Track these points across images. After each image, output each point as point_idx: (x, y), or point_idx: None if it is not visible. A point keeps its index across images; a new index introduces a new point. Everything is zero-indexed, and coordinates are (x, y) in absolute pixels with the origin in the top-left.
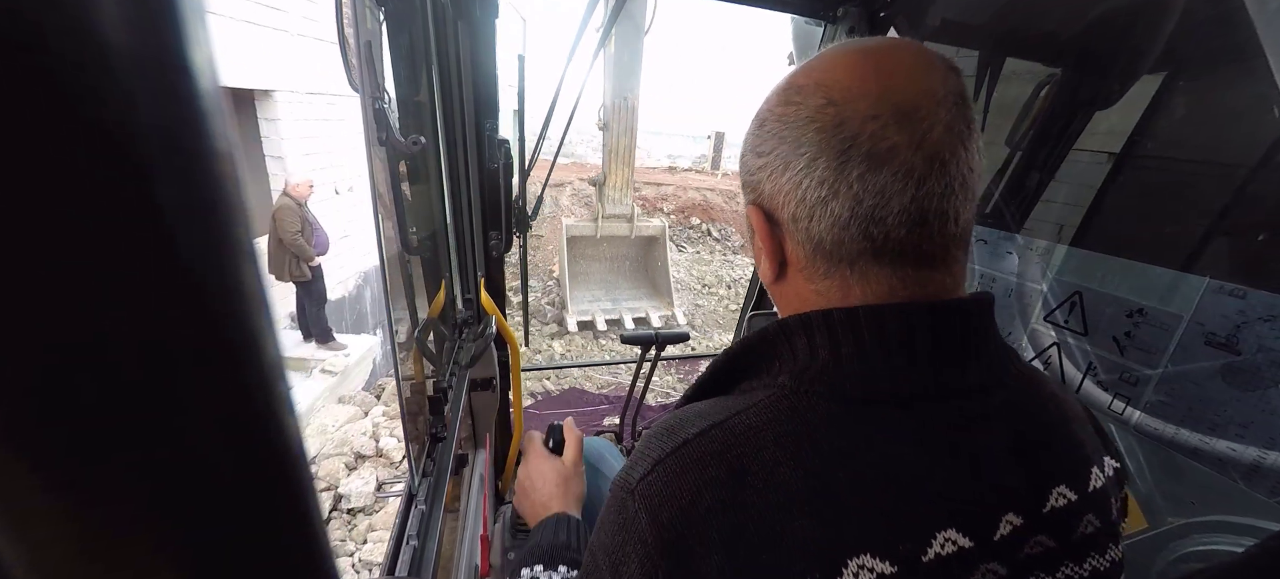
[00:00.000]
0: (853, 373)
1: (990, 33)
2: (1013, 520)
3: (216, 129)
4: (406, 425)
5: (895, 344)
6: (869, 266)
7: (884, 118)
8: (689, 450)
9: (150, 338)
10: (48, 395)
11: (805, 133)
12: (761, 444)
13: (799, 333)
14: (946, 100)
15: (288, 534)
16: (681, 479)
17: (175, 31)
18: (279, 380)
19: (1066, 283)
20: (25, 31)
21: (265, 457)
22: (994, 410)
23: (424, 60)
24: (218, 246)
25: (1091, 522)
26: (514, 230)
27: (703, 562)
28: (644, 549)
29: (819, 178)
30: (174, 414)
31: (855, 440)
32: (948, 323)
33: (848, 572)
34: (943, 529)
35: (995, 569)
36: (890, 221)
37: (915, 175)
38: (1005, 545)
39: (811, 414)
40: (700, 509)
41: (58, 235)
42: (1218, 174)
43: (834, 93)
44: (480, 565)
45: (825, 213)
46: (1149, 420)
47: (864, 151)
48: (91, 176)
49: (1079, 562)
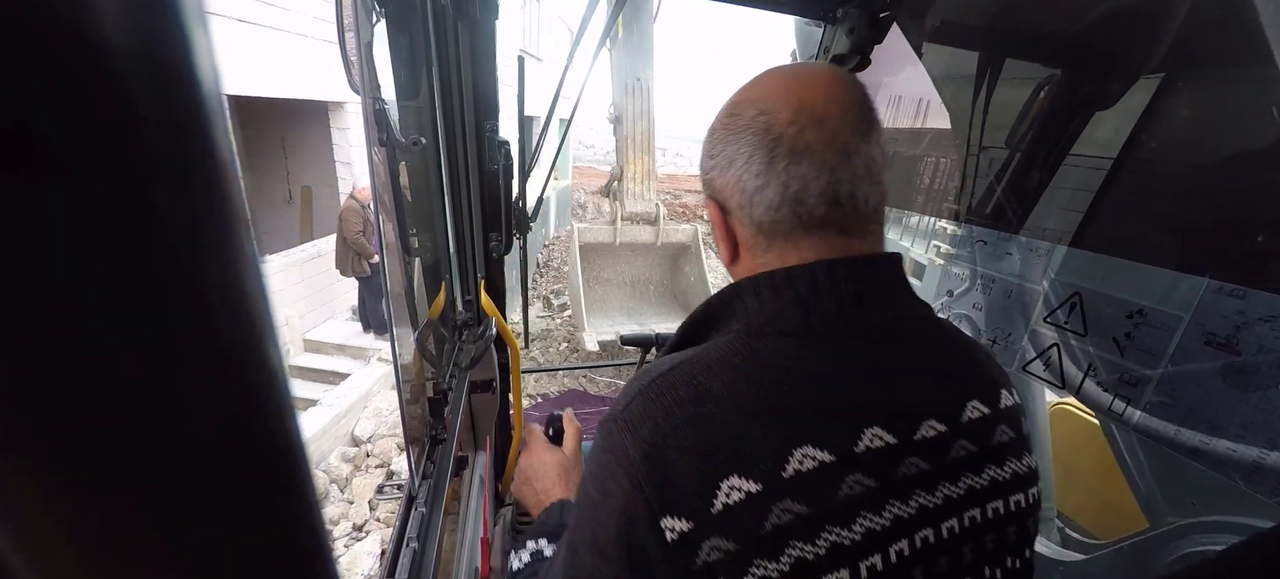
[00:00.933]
0: (792, 315)
1: (990, 33)
2: (935, 426)
3: (217, 133)
4: (406, 427)
5: (825, 289)
6: (800, 238)
7: (802, 122)
8: (661, 382)
9: (150, 338)
10: (48, 396)
11: (743, 137)
12: (721, 371)
13: (749, 292)
14: (852, 107)
15: (288, 534)
16: (656, 404)
17: (177, 37)
18: (279, 381)
19: (1066, 283)
20: (26, 32)
21: (265, 457)
22: (908, 340)
23: (424, 60)
24: (218, 249)
25: (1006, 432)
26: (514, 231)
27: (677, 464)
28: (628, 462)
29: (755, 171)
30: (174, 415)
31: (796, 363)
32: (864, 272)
33: (794, 459)
34: (869, 428)
35: (917, 463)
36: (811, 201)
37: (828, 165)
38: (927, 446)
39: (761, 347)
40: (674, 423)
41: (58, 236)
42: (1218, 174)
43: (764, 105)
44: (480, 568)
45: (762, 199)
46: (1149, 421)
47: (787, 148)
48: (92, 178)
49: (1000, 464)
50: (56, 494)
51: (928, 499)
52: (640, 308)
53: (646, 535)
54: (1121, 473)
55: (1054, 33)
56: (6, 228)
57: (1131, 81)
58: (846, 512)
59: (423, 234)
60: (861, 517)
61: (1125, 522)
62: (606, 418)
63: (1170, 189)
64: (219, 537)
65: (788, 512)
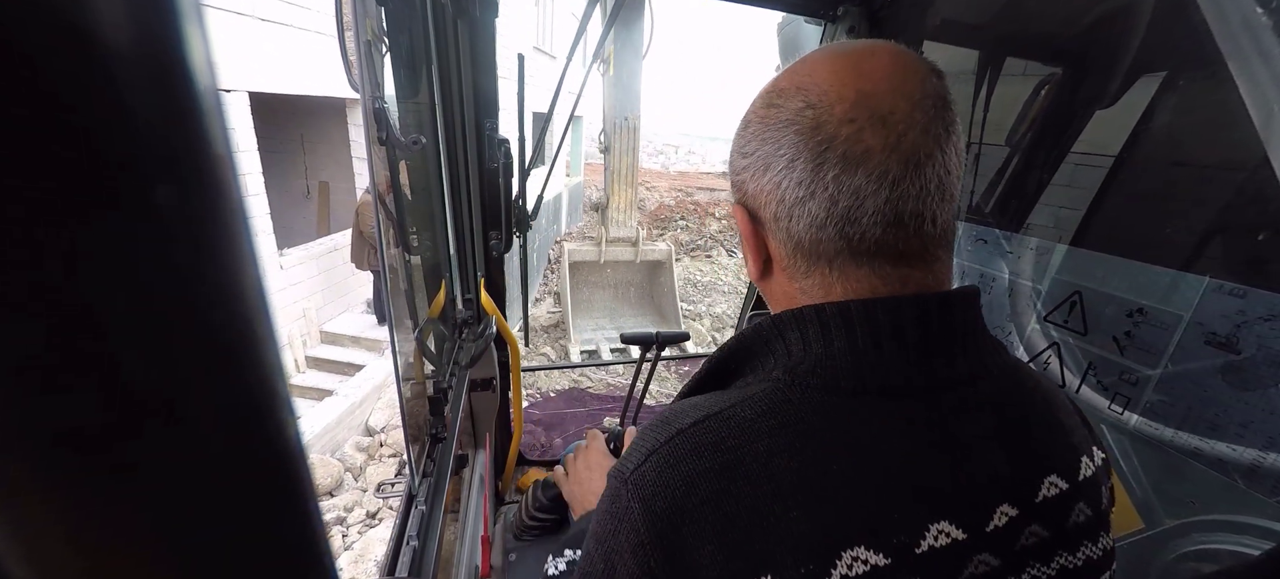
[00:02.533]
0: (845, 365)
1: (990, 33)
2: (1008, 511)
3: (215, 130)
4: (406, 426)
5: (886, 336)
6: (847, 265)
7: (860, 121)
8: (683, 440)
9: (149, 339)
10: (48, 396)
11: (785, 134)
12: (755, 435)
13: (792, 327)
14: (924, 104)
15: (287, 534)
16: (675, 469)
17: (173, 32)
18: (279, 381)
19: (1066, 282)
20: (25, 33)
21: (264, 456)
22: (983, 401)
23: (424, 60)
24: (217, 248)
25: (1083, 510)
26: (514, 230)
27: (696, 552)
28: (636, 538)
29: (797, 179)
30: (173, 415)
31: (848, 432)
32: (935, 315)
33: (841, 563)
34: (936, 521)
35: (987, 560)
36: (865, 222)
37: (890, 177)
38: (999, 536)
39: (805, 406)
40: (694, 500)
41: (57, 236)
42: (1218, 174)
43: (812, 95)
44: (480, 566)
45: (803, 213)
46: (1149, 420)
47: (840, 153)
48: (91, 177)
49: (1073, 550)
50: (56, 494)
51: None
52: (621, 309)
53: None
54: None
55: (1054, 33)
56: (5, 228)
57: (1131, 81)
58: None
59: (423, 233)
60: None
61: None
62: (616, 471)
63: (1170, 188)
64: (218, 537)
65: None
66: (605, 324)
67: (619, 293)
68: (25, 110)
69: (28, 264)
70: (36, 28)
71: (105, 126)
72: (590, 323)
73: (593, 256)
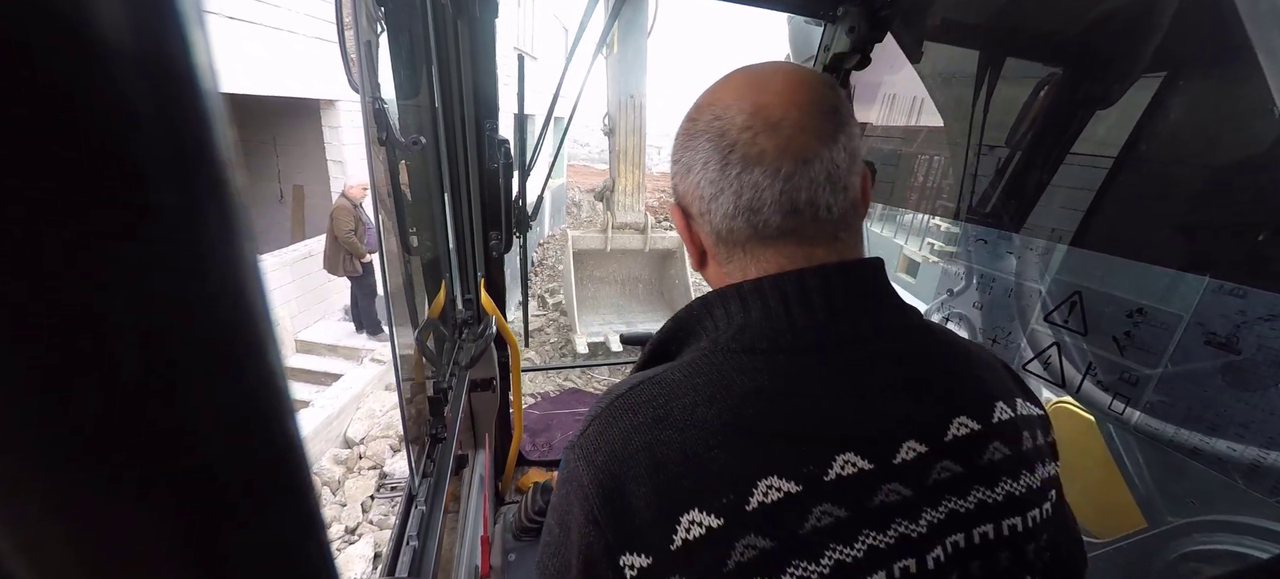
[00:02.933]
0: (761, 329)
1: (990, 33)
2: (916, 447)
3: (216, 132)
4: (406, 426)
5: (795, 301)
6: (757, 248)
7: (756, 128)
8: (619, 402)
9: (149, 340)
10: (48, 397)
11: (700, 142)
12: (682, 392)
13: (717, 304)
14: (811, 111)
15: (288, 534)
16: (613, 427)
17: (175, 35)
18: (279, 381)
19: (1066, 283)
20: (26, 34)
21: (265, 457)
22: (888, 354)
23: (424, 60)
24: (217, 249)
25: (999, 449)
26: (514, 230)
27: (633, 495)
28: (582, 492)
29: (710, 178)
30: (173, 415)
31: (763, 383)
32: (837, 281)
33: (758, 491)
34: (842, 452)
35: (898, 489)
36: (766, 211)
37: (782, 172)
38: (908, 469)
39: (726, 366)
40: (630, 450)
41: (57, 236)
42: (1218, 173)
43: (719, 109)
44: (480, 566)
45: (717, 207)
46: (1149, 420)
47: (740, 155)
48: (91, 178)
49: (990, 486)
50: (56, 494)
51: (909, 527)
52: (630, 306)
53: (605, 573)
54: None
55: (1054, 33)
56: (6, 227)
57: (1131, 81)
58: (813, 545)
59: (422, 233)
60: (830, 549)
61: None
62: (568, 444)
63: (1170, 188)
64: (218, 536)
65: (752, 548)
66: (614, 320)
67: (627, 288)
68: (26, 110)
69: (28, 264)
70: (37, 28)
71: (106, 127)
72: (597, 319)
73: (598, 245)
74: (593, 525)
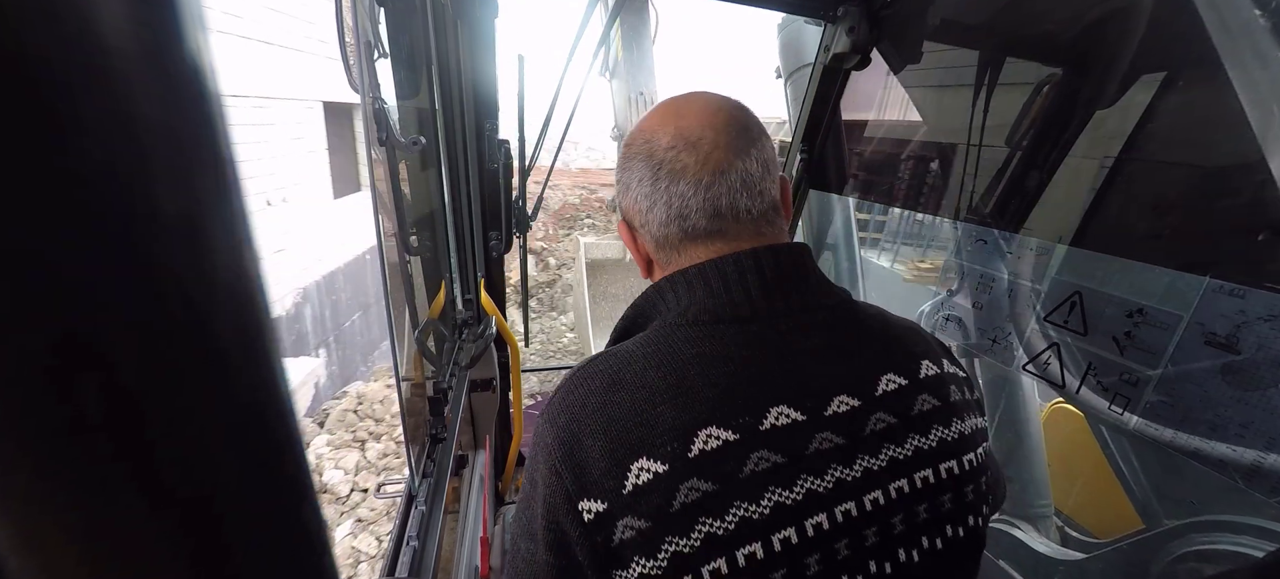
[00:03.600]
0: (704, 305)
1: (990, 33)
2: (847, 401)
3: (218, 130)
4: (406, 426)
5: (732, 280)
6: (689, 247)
7: (678, 146)
8: (580, 372)
9: (150, 339)
10: (48, 396)
11: (635, 163)
12: (634, 361)
13: (668, 289)
14: (726, 129)
15: (287, 532)
16: (573, 393)
17: (177, 34)
18: (279, 381)
19: (1066, 283)
20: (27, 33)
21: (265, 456)
22: (817, 324)
23: (424, 60)
24: (218, 248)
25: (928, 400)
26: (514, 230)
27: (589, 448)
28: (547, 451)
29: (645, 193)
30: (174, 415)
31: (705, 349)
32: (768, 261)
33: (698, 439)
34: (775, 405)
35: (830, 438)
36: (692, 216)
37: (703, 182)
38: (840, 420)
39: (674, 337)
40: (587, 410)
41: (58, 236)
42: (1218, 174)
43: (649, 134)
44: (480, 567)
45: (653, 217)
46: (1149, 421)
47: (667, 171)
48: (91, 178)
49: (923, 434)
50: (56, 494)
51: (845, 472)
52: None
53: (567, 518)
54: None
55: (1054, 33)
56: (7, 228)
57: (1131, 81)
58: (753, 487)
59: (422, 233)
60: (769, 491)
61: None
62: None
63: (1170, 188)
64: (218, 535)
65: (695, 490)
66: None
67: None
68: (26, 110)
69: (29, 264)
70: (39, 28)
71: (106, 127)
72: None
73: (614, 254)
74: (555, 477)
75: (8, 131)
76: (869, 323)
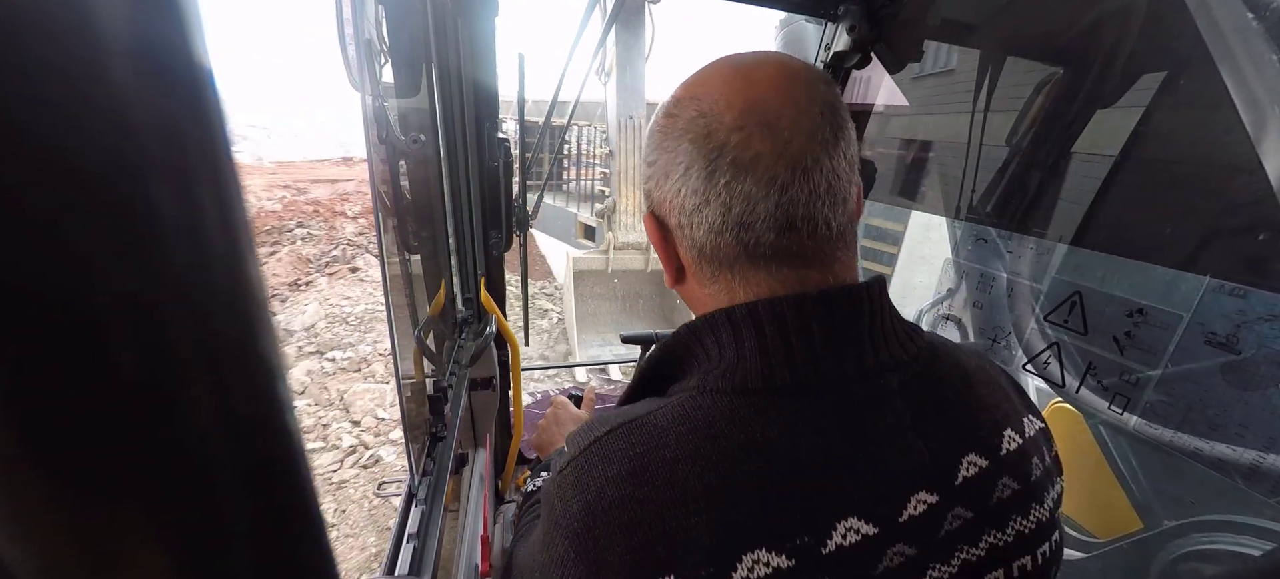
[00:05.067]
0: (754, 367)
1: (990, 33)
2: (926, 498)
3: (217, 129)
4: (406, 424)
5: (794, 334)
6: (747, 270)
7: (749, 128)
8: (597, 448)
9: (150, 339)
10: (48, 396)
11: (681, 143)
12: (664, 443)
13: (707, 333)
14: (811, 111)
15: (288, 532)
16: (588, 475)
17: (175, 33)
18: (280, 381)
19: (1066, 282)
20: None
21: (265, 456)
22: (894, 391)
23: (424, 60)
24: (219, 249)
25: (1008, 485)
26: (514, 229)
27: (608, 551)
28: (562, 534)
29: (692, 187)
30: (174, 414)
31: (755, 433)
32: (840, 308)
33: (742, 566)
34: (844, 518)
35: (903, 551)
36: (758, 227)
37: (779, 182)
38: (916, 525)
39: (714, 411)
40: (603, 503)
41: (58, 236)
42: (1218, 174)
43: (705, 105)
44: (480, 565)
45: (701, 220)
46: (1148, 421)
47: (729, 160)
48: (91, 178)
49: (1001, 527)
50: (57, 494)
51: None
52: (630, 322)
53: None
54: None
55: (1054, 33)
56: (7, 228)
57: (1131, 81)
58: None
59: (422, 232)
60: None
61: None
62: (553, 473)
63: (1171, 188)
64: (217, 535)
65: None
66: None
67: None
68: (26, 111)
69: (29, 263)
70: (39, 28)
71: (107, 127)
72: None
73: (599, 266)
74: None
75: (8, 131)
76: (950, 380)
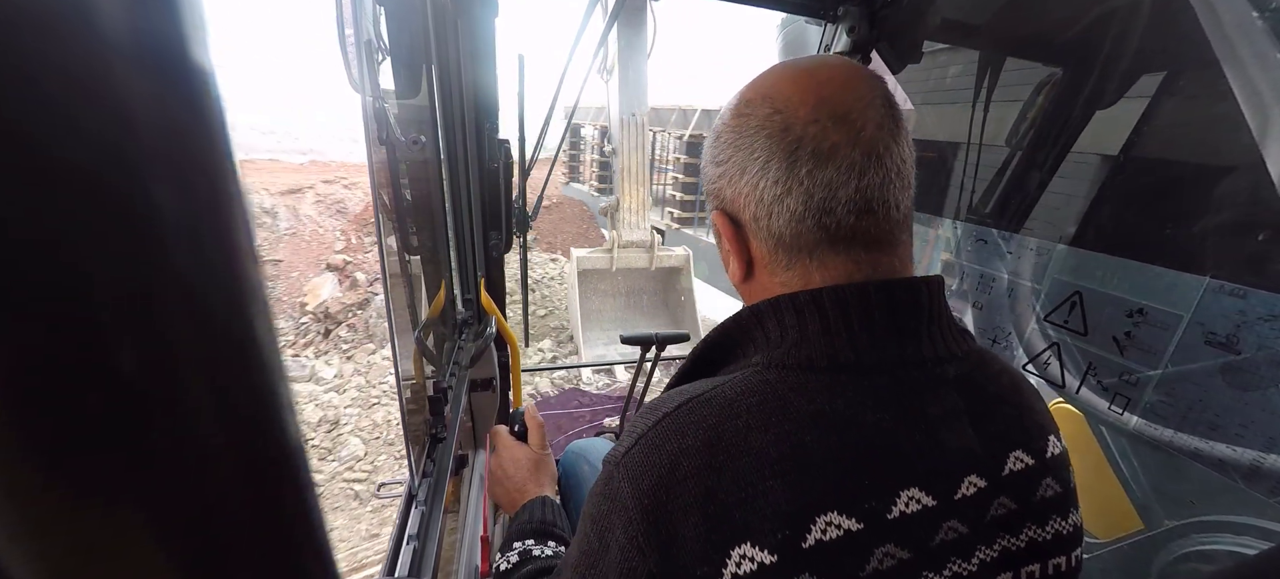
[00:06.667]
0: (818, 346)
1: (990, 33)
2: (976, 482)
3: (217, 130)
4: (407, 425)
5: (856, 318)
6: (826, 254)
7: (823, 120)
8: (667, 423)
9: (150, 338)
10: (48, 396)
11: (757, 139)
12: (735, 413)
13: (770, 316)
14: (875, 103)
15: (287, 532)
16: (660, 450)
17: (177, 33)
18: (280, 381)
19: (1066, 282)
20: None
21: (266, 456)
22: (950, 380)
23: (424, 60)
24: (218, 248)
25: (1051, 485)
26: (514, 230)
27: (681, 524)
28: (626, 516)
29: (773, 178)
30: (174, 414)
31: (822, 407)
32: (903, 298)
33: (816, 528)
34: (907, 488)
35: (957, 527)
36: (840, 211)
37: (857, 168)
38: (967, 505)
39: (782, 385)
40: (678, 476)
41: (58, 236)
42: (1218, 174)
43: (778, 102)
44: (480, 566)
45: (782, 209)
46: (1148, 421)
47: (809, 150)
48: (92, 177)
49: (1042, 524)
50: (56, 494)
51: (963, 566)
52: (633, 319)
53: None
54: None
55: (1054, 33)
56: (8, 228)
57: (1131, 81)
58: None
59: (422, 232)
60: None
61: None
62: (612, 456)
63: (1170, 188)
64: (218, 535)
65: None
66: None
67: (631, 301)
68: (26, 110)
69: (29, 263)
70: (40, 27)
71: (107, 127)
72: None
73: (603, 265)
74: (636, 551)
75: (8, 131)
76: (1000, 382)
